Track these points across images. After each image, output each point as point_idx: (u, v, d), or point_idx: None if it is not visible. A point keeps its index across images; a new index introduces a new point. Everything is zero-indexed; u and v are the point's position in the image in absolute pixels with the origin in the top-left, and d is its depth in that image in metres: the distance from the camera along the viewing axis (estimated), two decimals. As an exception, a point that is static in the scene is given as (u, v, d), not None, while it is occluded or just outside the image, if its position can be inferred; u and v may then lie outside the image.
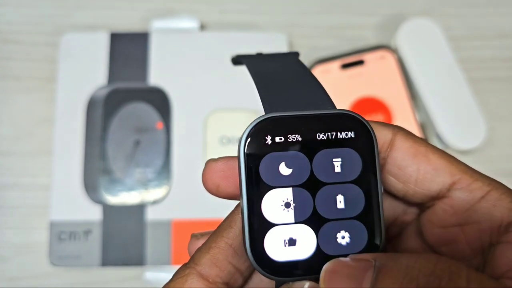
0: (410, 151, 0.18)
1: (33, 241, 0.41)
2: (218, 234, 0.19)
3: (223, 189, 0.19)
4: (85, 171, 0.40)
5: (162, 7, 0.46)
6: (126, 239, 0.39)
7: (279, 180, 0.18)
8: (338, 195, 0.18)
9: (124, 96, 0.42)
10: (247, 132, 0.18)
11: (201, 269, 0.18)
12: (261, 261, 0.17)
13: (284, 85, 0.20)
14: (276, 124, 0.18)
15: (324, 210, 0.18)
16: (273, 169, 0.18)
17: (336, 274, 0.16)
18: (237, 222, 0.18)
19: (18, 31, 0.45)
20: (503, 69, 0.46)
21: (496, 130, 0.44)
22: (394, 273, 0.15)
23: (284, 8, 0.47)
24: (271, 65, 0.21)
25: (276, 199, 0.17)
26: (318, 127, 0.18)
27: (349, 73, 0.44)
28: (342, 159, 0.18)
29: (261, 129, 0.18)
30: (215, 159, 0.19)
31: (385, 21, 0.47)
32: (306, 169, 0.18)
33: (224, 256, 0.18)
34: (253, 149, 0.18)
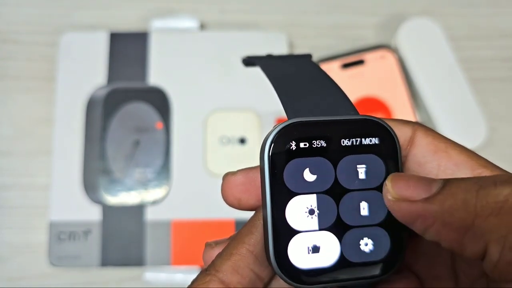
0: (430, 147, 0.18)
1: (33, 241, 0.41)
2: (239, 240, 0.18)
3: (245, 202, 0.19)
4: (85, 171, 0.40)
5: (162, 7, 0.46)
6: (125, 239, 0.39)
7: (303, 187, 0.17)
8: (362, 202, 0.18)
9: (124, 96, 0.42)
10: (271, 137, 0.17)
11: (222, 276, 0.18)
12: (284, 268, 0.17)
13: (305, 89, 0.20)
14: (301, 130, 0.18)
15: (348, 217, 0.18)
16: (298, 175, 0.17)
17: (403, 176, 0.17)
18: (258, 228, 0.18)
19: (18, 31, 0.45)
20: (503, 69, 0.46)
21: (496, 130, 0.44)
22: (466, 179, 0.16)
23: (284, 8, 0.47)
24: (287, 68, 0.21)
25: (300, 205, 0.17)
26: (342, 133, 0.18)
27: (349, 73, 0.44)
28: (366, 165, 0.18)
29: (286, 135, 0.18)
30: (234, 172, 0.19)
31: (385, 21, 0.47)
32: (330, 176, 0.18)
33: (246, 263, 0.18)
34: (278, 154, 0.17)
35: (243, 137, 0.42)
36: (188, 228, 0.40)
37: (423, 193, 0.16)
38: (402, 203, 0.16)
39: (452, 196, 0.15)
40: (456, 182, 0.16)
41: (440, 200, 0.15)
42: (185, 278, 0.39)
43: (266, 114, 0.42)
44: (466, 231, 0.15)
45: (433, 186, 0.16)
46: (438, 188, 0.16)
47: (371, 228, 0.18)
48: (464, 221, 0.15)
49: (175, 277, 0.39)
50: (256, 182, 0.19)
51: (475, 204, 0.15)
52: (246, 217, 0.19)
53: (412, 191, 0.16)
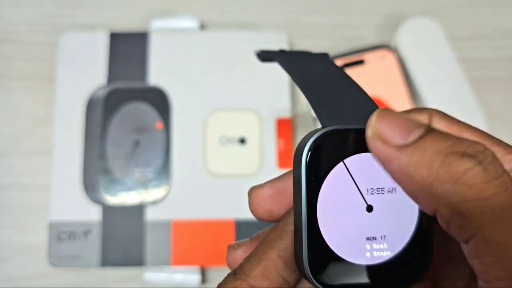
0: (445, 130, 0.19)
1: (33, 241, 0.41)
2: (268, 245, 0.18)
3: (276, 213, 0.19)
4: (85, 171, 0.40)
5: (162, 7, 0.46)
6: (125, 239, 0.39)
7: None
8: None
9: (124, 96, 0.42)
10: (309, 144, 0.17)
11: (252, 281, 0.18)
12: (317, 276, 0.17)
13: (334, 94, 0.20)
14: (338, 138, 0.18)
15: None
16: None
17: (390, 116, 0.17)
18: (287, 234, 0.18)
19: (18, 31, 0.45)
20: (503, 69, 0.46)
21: (496, 130, 0.44)
22: (444, 137, 0.16)
23: (284, 8, 0.47)
24: (310, 66, 0.21)
25: None
26: None
27: (349, 72, 0.43)
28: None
29: (323, 143, 0.17)
30: (261, 185, 0.19)
31: (385, 21, 0.47)
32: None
33: (275, 268, 0.18)
34: (315, 162, 0.17)
35: (243, 137, 0.42)
36: (188, 228, 0.40)
37: (399, 139, 0.16)
38: (377, 142, 0.17)
39: (422, 153, 0.16)
40: (432, 138, 0.16)
41: (410, 152, 0.16)
42: (185, 278, 0.39)
43: (266, 114, 0.42)
44: (423, 188, 0.16)
45: (412, 133, 0.16)
46: (414, 138, 0.16)
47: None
48: (424, 179, 0.16)
49: (175, 277, 0.39)
50: (285, 191, 0.19)
51: (438, 168, 0.15)
52: (247, 217, 0.19)
53: (390, 133, 0.17)
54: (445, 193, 0.15)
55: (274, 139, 0.41)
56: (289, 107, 0.42)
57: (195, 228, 0.40)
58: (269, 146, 0.41)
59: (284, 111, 0.41)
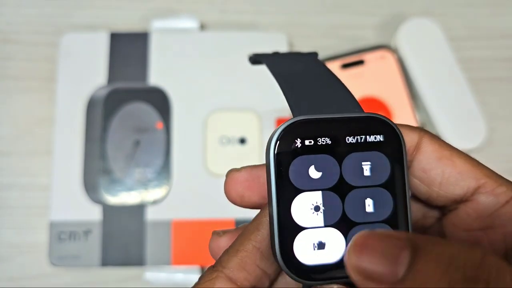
0: (435, 154, 0.19)
1: (33, 241, 0.41)
2: (245, 237, 0.18)
3: (247, 199, 0.19)
4: (85, 171, 0.40)
5: (162, 7, 0.46)
6: (126, 239, 0.39)
7: (308, 184, 0.18)
8: (367, 199, 0.18)
9: (124, 96, 0.42)
10: (276, 134, 0.18)
11: (229, 273, 0.18)
12: (290, 264, 0.17)
13: (310, 87, 0.20)
14: (306, 127, 0.18)
15: (353, 213, 0.18)
16: (303, 172, 0.18)
17: (367, 248, 0.15)
18: (264, 225, 0.18)
19: (18, 31, 0.45)
20: (503, 69, 0.46)
21: (496, 130, 0.44)
22: (436, 258, 0.14)
23: (284, 8, 0.47)
24: (293, 66, 0.21)
25: (306, 202, 0.18)
26: (347, 130, 0.18)
27: (349, 73, 0.44)
28: (371, 162, 0.18)
29: (291, 132, 0.18)
30: (238, 168, 0.19)
31: (385, 21, 0.47)
32: (336, 173, 0.18)
33: (252, 260, 0.18)
34: (283, 152, 0.17)
35: (243, 137, 0.42)
36: (189, 228, 0.40)
37: (390, 276, 0.14)
38: (367, 282, 0.14)
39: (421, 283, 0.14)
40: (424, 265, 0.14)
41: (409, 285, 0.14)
42: (186, 278, 0.39)
43: (266, 114, 0.42)
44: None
45: (400, 262, 0.14)
46: (405, 269, 0.14)
47: (375, 224, 0.18)
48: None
49: (176, 276, 0.39)
50: (259, 179, 0.19)
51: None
52: (247, 217, 0.19)
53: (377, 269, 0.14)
54: None
55: (274, 139, 0.41)
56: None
57: (195, 228, 0.40)
58: (269, 146, 0.41)
59: (284, 111, 0.42)
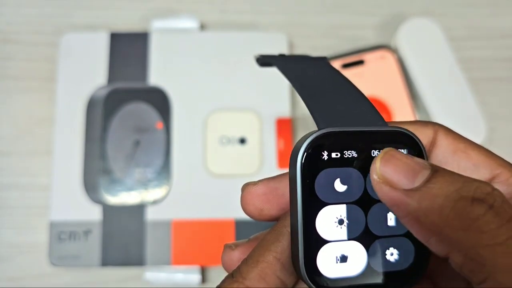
0: (450, 148, 0.19)
1: (33, 241, 0.41)
2: (265, 247, 0.18)
3: (266, 213, 0.19)
4: (85, 171, 0.40)
5: (162, 7, 0.46)
6: (126, 239, 0.39)
7: (333, 197, 0.18)
8: (389, 213, 0.18)
9: (124, 96, 0.42)
10: (304, 146, 0.17)
11: (249, 284, 0.18)
12: (313, 277, 0.17)
13: (332, 96, 0.20)
14: (333, 140, 0.18)
15: (375, 227, 0.18)
16: (329, 185, 0.18)
17: (394, 158, 0.17)
18: (285, 236, 0.18)
19: (18, 31, 0.45)
20: (503, 69, 0.46)
21: (496, 130, 0.44)
22: (451, 180, 0.16)
23: (284, 8, 0.47)
24: (307, 70, 0.21)
25: (330, 215, 0.18)
26: (373, 144, 0.18)
27: (349, 73, 0.44)
28: None
29: (318, 144, 0.18)
30: (255, 182, 0.19)
31: (385, 21, 0.47)
32: (360, 186, 0.18)
33: (272, 271, 0.18)
34: (310, 164, 0.17)
35: (243, 137, 0.42)
36: (188, 228, 0.40)
37: (406, 183, 0.16)
38: (384, 187, 0.16)
39: (431, 199, 0.16)
40: (439, 181, 0.16)
41: (419, 198, 0.16)
42: (186, 278, 0.39)
43: (266, 114, 0.42)
44: (434, 234, 0.16)
45: (418, 176, 0.16)
46: (422, 181, 0.16)
47: (396, 238, 0.18)
48: (435, 225, 0.16)
49: (176, 276, 0.39)
50: (277, 191, 0.19)
51: (449, 214, 0.15)
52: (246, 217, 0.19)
53: (397, 177, 0.16)
54: (457, 239, 0.15)
55: (274, 139, 0.41)
56: (289, 107, 0.42)
57: (195, 228, 0.40)
58: (269, 146, 0.41)
59: (284, 111, 0.42)
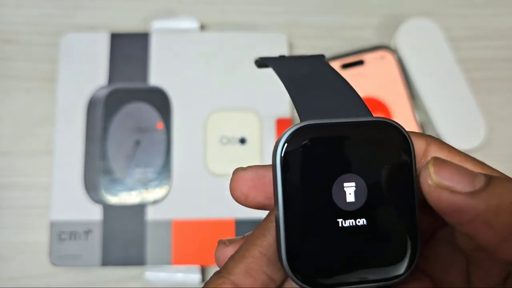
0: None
1: (33, 241, 0.41)
2: (251, 242, 0.18)
3: (251, 199, 0.19)
4: (86, 171, 0.41)
5: (162, 8, 0.46)
6: (126, 239, 0.39)
7: (314, 188, 0.17)
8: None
9: (125, 96, 0.42)
10: (283, 139, 0.17)
11: (235, 279, 0.17)
12: (296, 270, 0.17)
13: (317, 91, 0.20)
14: (313, 132, 0.18)
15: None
16: (308, 176, 0.17)
17: (447, 164, 0.16)
18: (270, 230, 0.18)
19: (18, 31, 0.45)
20: (503, 69, 0.46)
21: (496, 130, 0.44)
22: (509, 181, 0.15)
23: (284, 8, 0.47)
24: (300, 69, 0.21)
25: (312, 206, 0.17)
26: (353, 134, 0.18)
27: (349, 73, 0.44)
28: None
29: (298, 137, 0.17)
30: (244, 168, 0.19)
31: (385, 21, 0.47)
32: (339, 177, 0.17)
33: (258, 266, 0.18)
34: (290, 156, 0.17)
35: (243, 137, 0.42)
36: (189, 228, 0.40)
37: (467, 186, 0.15)
38: (443, 192, 0.16)
39: (499, 197, 0.15)
40: (501, 182, 0.15)
41: (486, 197, 0.15)
42: (186, 277, 0.39)
43: (266, 114, 0.42)
44: (507, 236, 0.15)
45: (477, 180, 0.16)
46: (482, 185, 0.15)
47: (384, 230, 0.18)
48: (509, 225, 0.15)
49: (176, 276, 0.39)
50: (265, 179, 0.19)
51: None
52: (247, 217, 0.19)
53: (456, 181, 0.16)
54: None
55: (274, 139, 0.41)
56: (289, 107, 0.42)
57: (195, 227, 0.40)
58: (269, 146, 0.41)
59: (284, 111, 0.42)
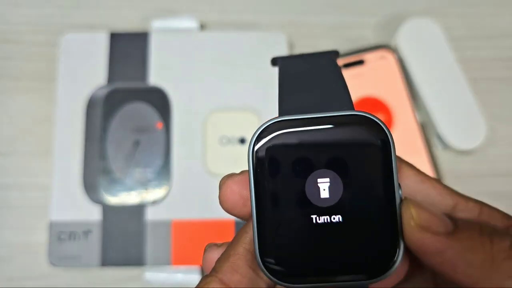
0: (418, 178, 0.20)
1: (33, 241, 0.41)
2: (236, 240, 0.18)
3: (246, 196, 0.19)
4: (85, 171, 0.40)
5: (162, 7, 0.46)
6: (126, 239, 0.39)
7: (285, 183, 0.17)
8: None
9: (124, 96, 0.42)
10: (255, 135, 0.17)
11: (222, 277, 0.18)
12: (268, 266, 0.17)
13: (306, 87, 0.19)
14: (285, 127, 0.17)
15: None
16: (279, 172, 0.17)
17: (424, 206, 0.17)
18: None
19: (18, 31, 0.45)
20: (503, 69, 0.46)
21: (497, 130, 0.44)
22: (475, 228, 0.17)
23: (284, 8, 0.47)
24: (301, 66, 0.21)
25: (283, 201, 0.17)
26: (326, 128, 0.17)
27: (349, 73, 0.44)
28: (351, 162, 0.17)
29: (268, 133, 0.17)
30: (230, 175, 0.19)
31: (385, 21, 0.47)
32: (309, 173, 0.17)
33: (244, 262, 0.18)
34: (260, 153, 0.17)
35: (243, 137, 0.42)
36: (188, 228, 0.40)
37: (443, 227, 0.16)
38: (426, 234, 0.16)
39: (470, 237, 0.16)
40: (467, 224, 0.17)
41: (461, 238, 0.16)
42: (186, 278, 0.39)
43: (266, 114, 0.42)
44: (484, 270, 0.16)
45: (447, 220, 0.17)
46: (453, 226, 0.17)
47: (360, 222, 0.17)
48: (484, 261, 0.16)
49: (176, 277, 0.39)
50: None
51: (491, 247, 0.16)
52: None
53: (436, 223, 0.16)
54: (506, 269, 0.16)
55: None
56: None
57: (195, 228, 0.40)
58: (269, 146, 0.41)
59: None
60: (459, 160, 0.43)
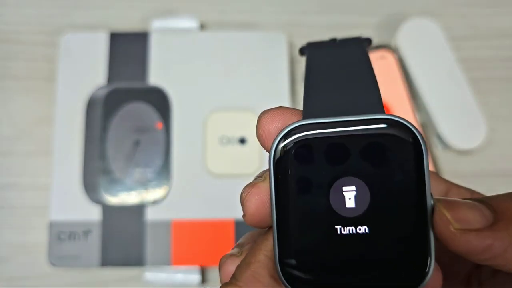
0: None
1: (33, 241, 0.41)
2: (256, 248, 0.18)
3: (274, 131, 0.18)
4: (85, 171, 0.40)
5: (162, 7, 0.46)
6: (125, 239, 0.39)
7: (307, 189, 0.16)
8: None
9: (124, 96, 0.42)
10: (277, 140, 0.17)
11: (242, 285, 0.17)
12: (287, 274, 0.16)
13: (334, 84, 0.18)
14: (309, 131, 0.16)
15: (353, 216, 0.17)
16: (302, 178, 0.16)
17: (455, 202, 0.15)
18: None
19: (18, 31, 0.45)
20: (503, 69, 0.46)
21: (497, 130, 0.44)
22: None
23: (284, 8, 0.47)
24: (330, 57, 0.19)
25: (305, 208, 0.16)
26: (351, 132, 0.16)
27: (349, 73, 0.44)
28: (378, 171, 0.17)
29: (292, 137, 0.17)
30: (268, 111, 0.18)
31: (385, 21, 0.47)
32: (333, 178, 0.16)
33: (265, 270, 0.17)
34: (283, 159, 0.16)
35: (243, 137, 0.42)
36: (188, 228, 0.40)
37: (484, 220, 0.15)
38: (469, 235, 0.15)
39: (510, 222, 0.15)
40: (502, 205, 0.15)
41: (506, 225, 0.15)
42: (185, 278, 0.39)
43: (266, 114, 0.42)
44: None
45: (485, 211, 0.15)
46: (492, 213, 0.15)
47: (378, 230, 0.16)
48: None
49: (175, 277, 0.39)
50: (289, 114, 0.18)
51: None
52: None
53: (475, 218, 0.15)
54: None
55: (274, 139, 0.41)
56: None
57: (195, 228, 0.40)
58: (269, 146, 0.41)
59: (284, 111, 0.41)
60: (459, 160, 0.43)
